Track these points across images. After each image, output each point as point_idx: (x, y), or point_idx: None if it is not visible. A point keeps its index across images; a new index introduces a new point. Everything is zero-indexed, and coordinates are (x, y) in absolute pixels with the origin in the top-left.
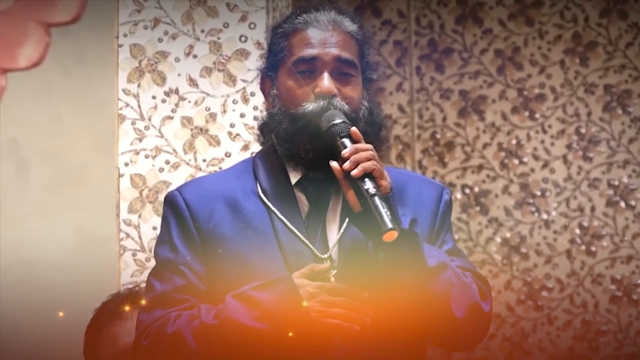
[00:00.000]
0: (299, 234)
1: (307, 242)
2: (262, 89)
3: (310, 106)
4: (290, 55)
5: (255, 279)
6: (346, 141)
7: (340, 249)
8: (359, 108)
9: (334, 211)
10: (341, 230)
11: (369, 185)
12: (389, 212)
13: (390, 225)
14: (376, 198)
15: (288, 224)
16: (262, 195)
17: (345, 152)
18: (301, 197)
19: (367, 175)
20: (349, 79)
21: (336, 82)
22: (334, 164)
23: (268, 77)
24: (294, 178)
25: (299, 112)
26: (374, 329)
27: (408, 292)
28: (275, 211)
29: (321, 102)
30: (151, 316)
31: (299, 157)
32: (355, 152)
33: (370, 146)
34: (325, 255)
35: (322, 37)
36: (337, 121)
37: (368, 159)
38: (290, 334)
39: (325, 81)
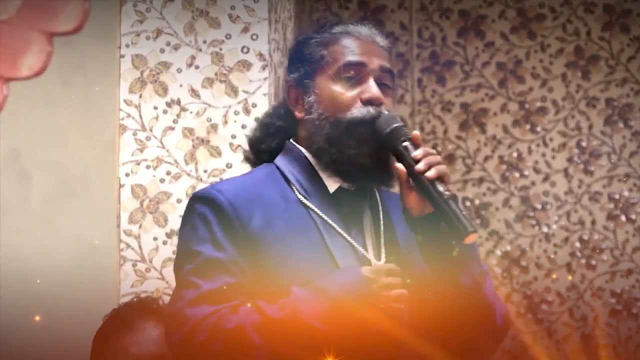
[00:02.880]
0: (349, 238)
1: (358, 246)
2: (288, 99)
3: (358, 112)
4: (334, 62)
5: (302, 277)
6: (409, 145)
7: (388, 255)
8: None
9: (367, 222)
10: (382, 238)
11: (443, 188)
12: (466, 214)
13: (471, 227)
14: (451, 201)
15: (337, 227)
16: (304, 200)
17: (417, 154)
18: (337, 207)
19: (438, 178)
20: (387, 91)
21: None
22: (399, 165)
23: (301, 85)
24: (332, 187)
25: (347, 117)
26: (429, 330)
27: (464, 295)
28: (322, 215)
29: (370, 109)
30: (200, 312)
31: (347, 163)
32: (427, 155)
33: (434, 150)
34: (380, 262)
35: (365, 47)
36: (398, 124)
37: (439, 163)
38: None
39: (374, 87)
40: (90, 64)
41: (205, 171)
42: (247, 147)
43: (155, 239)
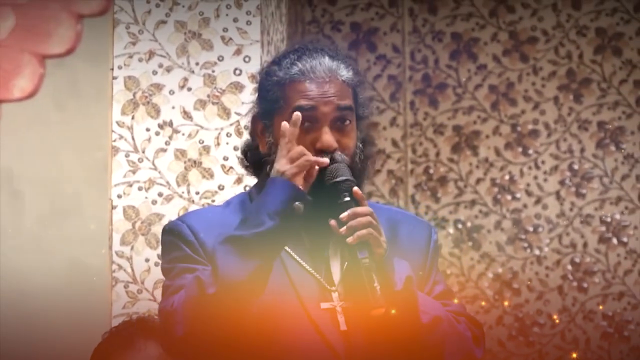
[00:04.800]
0: (307, 265)
1: (315, 274)
2: (254, 130)
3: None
4: (287, 107)
5: (265, 308)
6: (347, 199)
7: (345, 283)
8: (355, 153)
9: (335, 247)
10: (345, 265)
11: (363, 255)
12: (379, 287)
13: (377, 303)
14: (368, 270)
15: (296, 255)
16: None
17: (343, 216)
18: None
19: (362, 242)
20: (346, 127)
21: (335, 133)
22: (333, 222)
23: (262, 122)
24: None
25: None
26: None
27: (403, 346)
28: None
29: (322, 157)
30: (168, 302)
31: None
32: (354, 217)
33: (369, 210)
34: (333, 288)
35: (320, 89)
36: (341, 179)
37: (365, 226)
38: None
39: (327, 136)
40: (83, 86)
41: (197, 193)
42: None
43: (147, 260)
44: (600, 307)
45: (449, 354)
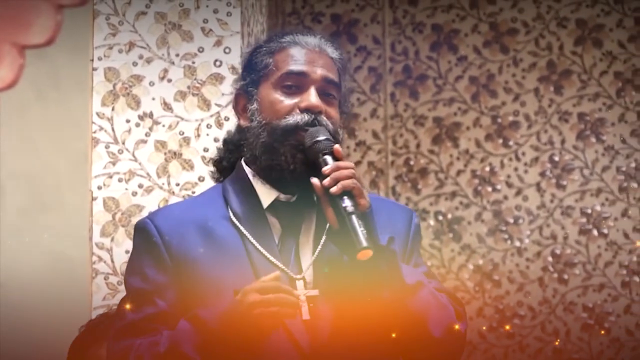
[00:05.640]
0: (270, 257)
1: (279, 264)
2: (236, 107)
3: (293, 118)
4: (277, 70)
5: (226, 299)
6: (328, 158)
7: (316, 270)
8: (338, 130)
9: (307, 234)
10: (316, 253)
11: (347, 203)
12: (365, 231)
13: (365, 243)
14: (353, 216)
15: (259, 247)
16: (234, 220)
17: (326, 169)
18: (273, 221)
19: (346, 193)
20: (331, 100)
21: (322, 101)
22: (314, 180)
23: (246, 93)
24: (266, 201)
25: (282, 124)
26: (349, 346)
27: (385, 309)
28: (247, 235)
29: (306, 116)
30: (119, 345)
31: (279, 170)
32: (337, 170)
33: (351, 164)
34: (299, 276)
35: (310, 57)
36: (321, 138)
37: (348, 177)
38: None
39: (313, 96)
40: (63, 77)
41: (177, 184)
42: (212, 169)
43: (127, 252)
44: (581, 299)
45: (432, 323)
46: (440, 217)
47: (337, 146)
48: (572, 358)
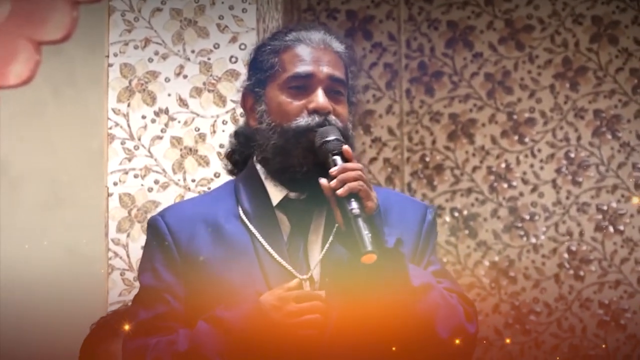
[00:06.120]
0: (277, 256)
1: (285, 264)
2: (244, 106)
3: (303, 121)
4: (283, 71)
5: (234, 297)
6: (337, 159)
7: (323, 269)
8: (347, 126)
9: (316, 232)
10: (323, 251)
11: (353, 205)
12: (369, 234)
13: (369, 247)
14: (359, 219)
15: (267, 246)
16: (243, 217)
17: (333, 171)
18: (283, 218)
19: (353, 195)
20: (339, 98)
21: (329, 100)
22: (323, 181)
23: (253, 93)
24: (276, 199)
25: (292, 127)
26: (357, 348)
27: (392, 311)
28: (256, 233)
29: (316, 118)
30: (133, 344)
31: (291, 172)
32: (343, 171)
33: (359, 165)
34: (306, 276)
35: (315, 55)
36: (331, 138)
37: (355, 179)
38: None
39: (321, 97)
40: (79, 73)
41: (193, 180)
42: (225, 160)
43: (143, 248)
44: (597, 295)
45: (440, 325)
46: (456, 214)
47: (346, 147)
48: (588, 355)
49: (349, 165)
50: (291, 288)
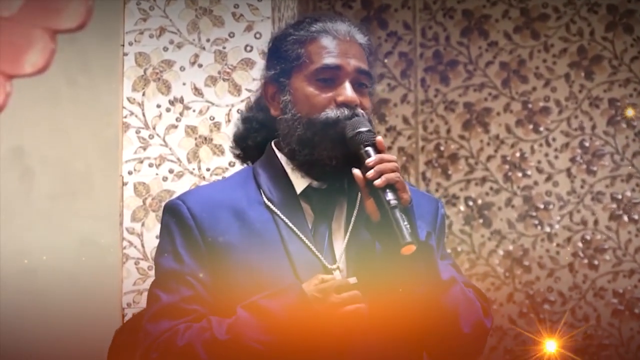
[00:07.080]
0: (307, 242)
1: (315, 251)
2: (265, 95)
3: (332, 113)
4: (310, 63)
5: (263, 288)
6: (370, 150)
7: (348, 259)
8: (371, 118)
9: (339, 221)
10: (345, 240)
11: (390, 196)
12: (408, 225)
13: (409, 239)
14: (397, 210)
15: (297, 231)
16: (268, 204)
17: (369, 161)
18: (306, 207)
19: (390, 186)
20: (364, 90)
21: (355, 92)
22: (356, 171)
23: (277, 82)
24: (299, 188)
25: (321, 119)
26: (387, 339)
27: (420, 304)
28: (284, 219)
29: (345, 111)
30: (159, 327)
31: (321, 164)
32: (380, 162)
33: (394, 157)
34: (334, 266)
35: (343, 47)
36: (363, 129)
37: (392, 170)
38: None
39: (349, 91)
40: (94, 62)
41: (207, 169)
42: (232, 144)
43: (157, 237)
44: (611, 284)
45: (463, 320)
46: (471, 203)
47: (379, 138)
48: (603, 344)
49: (385, 156)
50: (326, 279)
